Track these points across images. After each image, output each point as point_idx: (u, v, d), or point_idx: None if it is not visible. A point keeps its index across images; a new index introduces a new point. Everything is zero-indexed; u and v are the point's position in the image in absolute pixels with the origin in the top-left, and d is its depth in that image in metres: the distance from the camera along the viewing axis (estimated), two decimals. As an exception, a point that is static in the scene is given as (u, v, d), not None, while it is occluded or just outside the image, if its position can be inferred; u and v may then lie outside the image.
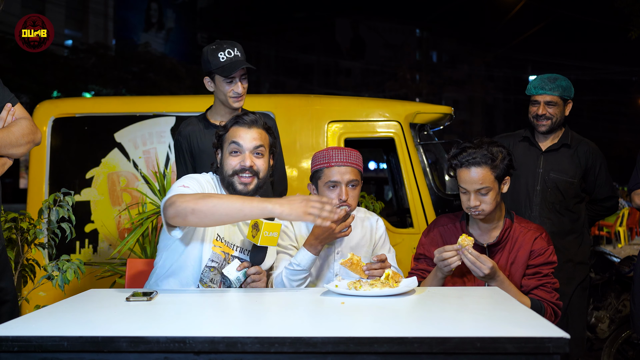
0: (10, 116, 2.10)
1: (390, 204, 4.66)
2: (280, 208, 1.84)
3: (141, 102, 4.18)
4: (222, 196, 1.96)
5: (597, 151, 3.16)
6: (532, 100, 3.02)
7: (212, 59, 2.64)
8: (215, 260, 2.13)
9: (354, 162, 2.28)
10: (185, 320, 1.60)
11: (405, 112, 4.02)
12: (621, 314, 3.77)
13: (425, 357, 1.33)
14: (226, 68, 2.61)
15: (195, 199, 1.90)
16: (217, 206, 1.87)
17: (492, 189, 2.19)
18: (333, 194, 2.25)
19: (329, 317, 1.61)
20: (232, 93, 2.66)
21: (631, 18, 8.52)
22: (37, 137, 2.16)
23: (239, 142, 2.14)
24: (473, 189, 2.19)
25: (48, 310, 1.66)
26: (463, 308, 1.71)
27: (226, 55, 2.63)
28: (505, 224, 2.27)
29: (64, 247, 3.54)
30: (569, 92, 3.02)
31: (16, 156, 2.10)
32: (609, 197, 3.19)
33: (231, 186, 2.15)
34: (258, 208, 1.86)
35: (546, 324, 1.46)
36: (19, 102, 2.15)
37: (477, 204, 2.19)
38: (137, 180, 3.93)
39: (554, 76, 3.02)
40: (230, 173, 2.14)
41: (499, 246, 2.27)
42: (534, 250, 2.25)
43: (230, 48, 2.64)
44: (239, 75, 2.65)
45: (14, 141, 2.05)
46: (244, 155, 2.14)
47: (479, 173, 2.17)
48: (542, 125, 3.01)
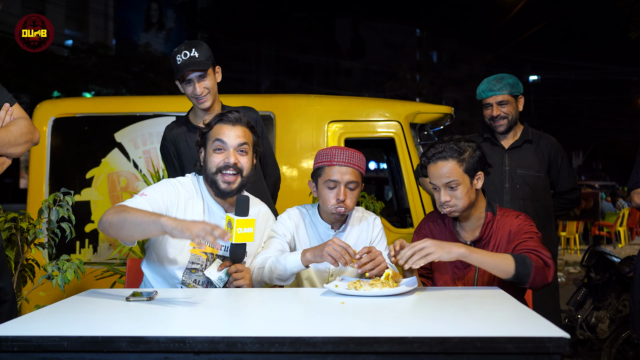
0: (9, 116, 2.10)
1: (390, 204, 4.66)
2: (171, 223, 1.79)
3: (141, 102, 4.18)
4: (133, 211, 1.92)
5: (558, 144, 3.22)
6: (485, 104, 3.07)
7: (173, 62, 2.62)
8: (196, 262, 2.14)
9: (356, 164, 2.26)
10: (185, 320, 1.60)
11: (406, 112, 4.02)
12: (621, 314, 3.77)
13: (425, 357, 1.33)
14: (179, 71, 2.59)
15: (114, 213, 1.92)
16: (125, 220, 1.88)
17: (461, 184, 2.16)
18: (331, 193, 2.23)
19: (329, 317, 1.61)
20: (193, 94, 2.63)
21: (631, 18, 8.51)
22: (36, 137, 2.16)
23: (223, 139, 2.13)
24: (442, 184, 2.17)
25: (48, 310, 1.66)
26: (463, 308, 1.71)
27: (182, 58, 2.59)
28: (487, 218, 2.23)
29: (64, 247, 3.54)
30: (517, 88, 3.06)
31: (15, 156, 2.11)
32: (572, 190, 3.24)
33: (214, 184, 2.14)
34: (153, 222, 1.83)
35: (546, 324, 1.45)
36: (17, 102, 2.16)
37: (448, 199, 2.17)
38: (137, 180, 3.93)
39: (500, 76, 3.07)
40: (214, 171, 2.13)
41: (482, 242, 2.23)
42: (512, 231, 2.20)
43: (187, 49, 2.60)
44: (195, 77, 2.60)
45: (13, 140, 2.05)
46: (228, 152, 2.13)
47: (446, 166, 2.16)
48: (500, 126, 3.05)
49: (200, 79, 2.61)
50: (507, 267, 1.99)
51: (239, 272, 2.08)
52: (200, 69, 2.58)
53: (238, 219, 1.97)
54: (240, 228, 1.97)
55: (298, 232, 2.33)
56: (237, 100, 4.29)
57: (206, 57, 2.62)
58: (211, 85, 2.65)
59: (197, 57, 2.59)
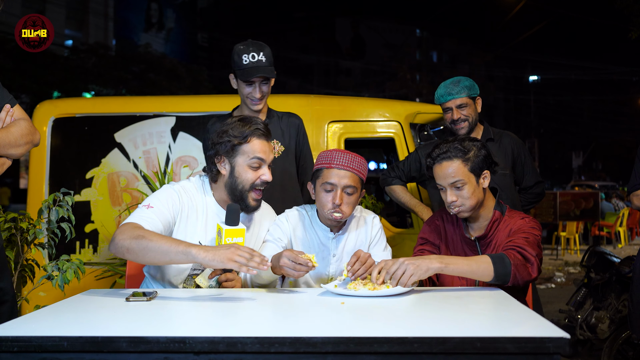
0: (9, 117, 2.10)
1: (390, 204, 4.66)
2: (204, 254, 1.80)
3: (141, 102, 4.18)
4: (154, 237, 1.89)
5: (519, 141, 3.25)
6: (444, 108, 3.09)
7: (237, 59, 2.66)
8: (198, 268, 2.14)
9: (355, 168, 2.19)
10: (185, 320, 1.60)
11: (406, 112, 4.02)
12: (621, 314, 3.77)
13: (425, 357, 1.33)
14: (245, 72, 2.63)
15: (130, 238, 1.89)
16: (148, 248, 1.86)
17: (467, 183, 2.15)
18: (328, 196, 2.18)
19: (329, 317, 1.61)
20: (250, 96, 2.69)
21: (631, 18, 8.52)
22: (36, 138, 2.16)
23: (262, 157, 2.13)
24: (447, 184, 2.17)
25: (48, 310, 1.66)
26: (463, 308, 1.71)
27: (249, 59, 2.64)
28: (494, 217, 2.23)
29: (63, 247, 3.54)
30: (474, 90, 3.09)
31: (15, 156, 2.11)
32: (537, 183, 3.27)
33: (243, 200, 2.13)
34: (183, 253, 1.82)
35: (546, 324, 1.45)
36: (18, 103, 2.16)
37: (455, 199, 2.16)
38: (137, 180, 3.93)
39: (456, 79, 3.08)
40: (248, 188, 2.13)
41: (487, 239, 2.23)
42: (512, 230, 2.19)
43: (255, 52, 2.64)
44: (258, 81, 2.66)
45: (13, 141, 2.05)
46: (264, 169, 2.14)
47: (451, 166, 2.15)
48: (461, 128, 3.06)
49: (263, 83, 2.68)
50: (485, 270, 1.98)
51: (229, 280, 2.06)
52: (268, 74, 2.64)
53: (227, 229, 1.95)
54: (229, 238, 1.95)
55: (295, 234, 2.30)
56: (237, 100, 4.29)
57: (271, 63, 2.68)
58: (268, 90, 2.72)
59: (264, 62, 2.65)
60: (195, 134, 3.93)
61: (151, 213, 2.03)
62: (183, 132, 3.96)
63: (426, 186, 3.29)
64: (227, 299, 1.92)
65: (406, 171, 3.22)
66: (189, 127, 3.96)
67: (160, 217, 2.04)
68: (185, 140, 3.95)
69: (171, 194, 2.12)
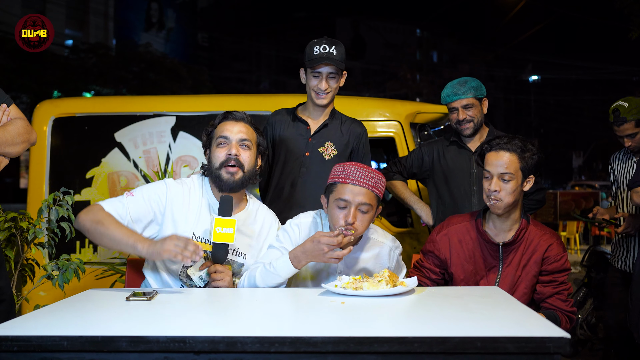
0: (6, 116, 2.12)
1: (390, 204, 4.66)
2: (147, 248, 1.93)
3: (141, 102, 4.18)
4: (111, 225, 2.01)
5: None
6: (450, 108, 3.08)
7: (308, 50, 2.68)
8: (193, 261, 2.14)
9: (372, 185, 2.06)
10: (185, 320, 1.60)
11: (406, 112, 4.01)
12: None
13: (425, 356, 1.33)
14: (314, 61, 2.65)
15: (91, 221, 2.02)
16: (103, 234, 1.99)
17: (514, 178, 2.17)
18: (341, 213, 2.05)
19: (329, 317, 1.61)
20: (316, 88, 2.70)
21: (631, 18, 8.51)
22: (33, 137, 2.17)
23: (225, 134, 2.17)
24: (497, 172, 2.18)
25: (48, 310, 1.66)
26: (463, 308, 1.71)
27: (320, 50, 2.65)
28: (522, 225, 2.24)
29: (63, 247, 3.54)
30: (481, 91, 3.08)
31: (11, 155, 2.12)
32: (538, 190, 3.26)
33: (218, 179, 2.15)
34: (131, 246, 1.95)
35: (547, 323, 1.45)
36: (14, 103, 2.16)
37: (498, 189, 2.17)
38: (137, 180, 3.93)
39: (463, 79, 3.08)
40: (218, 165, 2.15)
41: (513, 246, 2.24)
42: (549, 256, 2.23)
43: (328, 45, 2.66)
44: (326, 73, 2.67)
45: (10, 140, 2.06)
46: (230, 145, 2.16)
47: (506, 157, 2.18)
48: (466, 129, 3.06)
49: (330, 76, 2.69)
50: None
51: (218, 272, 2.07)
52: (337, 66, 2.65)
53: (217, 218, 1.99)
54: (219, 227, 1.99)
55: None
56: (238, 100, 4.29)
57: (342, 59, 2.69)
58: (335, 86, 2.73)
59: (335, 55, 2.66)
60: (196, 133, 3.93)
61: (126, 202, 2.10)
62: (183, 132, 3.96)
63: (426, 184, 3.28)
64: (227, 299, 1.92)
65: (407, 167, 3.22)
66: (189, 126, 3.96)
67: (134, 207, 2.10)
68: (186, 140, 3.95)
69: (160, 188, 2.17)
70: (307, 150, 2.77)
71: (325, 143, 2.78)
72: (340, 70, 2.70)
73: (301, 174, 2.76)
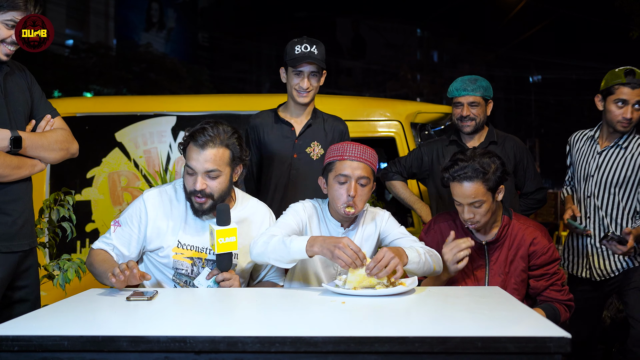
0: (49, 126, 2.20)
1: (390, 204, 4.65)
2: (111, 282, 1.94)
3: (142, 102, 4.18)
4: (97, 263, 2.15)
5: (523, 145, 3.23)
6: (455, 102, 3.07)
7: (289, 49, 2.71)
8: (180, 268, 2.16)
9: (368, 159, 2.20)
10: (185, 320, 1.60)
11: (406, 112, 4.01)
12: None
13: (426, 356, 1.33)
14: (295, 60, 2.67)
15: (88, 264, 2.22)
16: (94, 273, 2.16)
17: (485, 202, 2.19)
18: (342, 189, 2.17)
19: (329, 317, 1.61)
20: (297, 87, 2.72)
21: (631, 18, 8.50)
22: (73, 147, 2.23)
23: (191, 164, 2.11)
24: (466, 202, 2.20)
25: (48, 310, 1.66)
26: (464, 308, 1.71)
27: (302, 49, 2.68)
28: (504, 221, 2.27)
29: (64, 247, 3.54)
30: (489, 92, 3.08)
31: (48, 161, 2.19)
32: (538, 190, 3.26)
33: (190, 203, 2.17)
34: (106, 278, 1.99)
35: (547, 323, 1.45)
36: (60, 116, 2.24)
37: (471, 216, 2.21)
38: (138, 179, 3.93)
39: (474, 77, 3.08)
40: (188, 192, 2.15)
41: (497, 244, 2.28)
42: (536, 250, 2.25)
43: (309, 44, 2.69)
44: (307, 71, 2.69)
45: (46, 145, 2.11)
46: (195, 177, 2.10)
47: (471, 188, 2.18)
48: (467, 126, 3.05)
49: (312, 75, 2.71)
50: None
51: (227, 280, 2.07)
52: (318, 64, 2.68)
53: (219, 229, 1.98)
54: (221, 238, 1.98)
55: (311, 225, 2.28)
56: (238, 100, 4.29)
57: (323, 58, 2.72)
58: (317, 85, 2.76)
59: (316, 54, 2.69)
60: (196, 133, 3.93)
61: (114, 236, 2.18)
62: (184, 132, 3.96)
63: (426, 183, 3.28)
64: (227, 299, 1.92)
65: (407, 167, 3.22)
66: (189, 126, 3.94)
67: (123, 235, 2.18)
68: (186, 140, 3.95)
69: (138, 207, 2.21)
70: (294, 152, 2.80)
71: (311, 143, 2.82)
72: (321, 69, 2.73)
73: (291, 176, 2.78)
